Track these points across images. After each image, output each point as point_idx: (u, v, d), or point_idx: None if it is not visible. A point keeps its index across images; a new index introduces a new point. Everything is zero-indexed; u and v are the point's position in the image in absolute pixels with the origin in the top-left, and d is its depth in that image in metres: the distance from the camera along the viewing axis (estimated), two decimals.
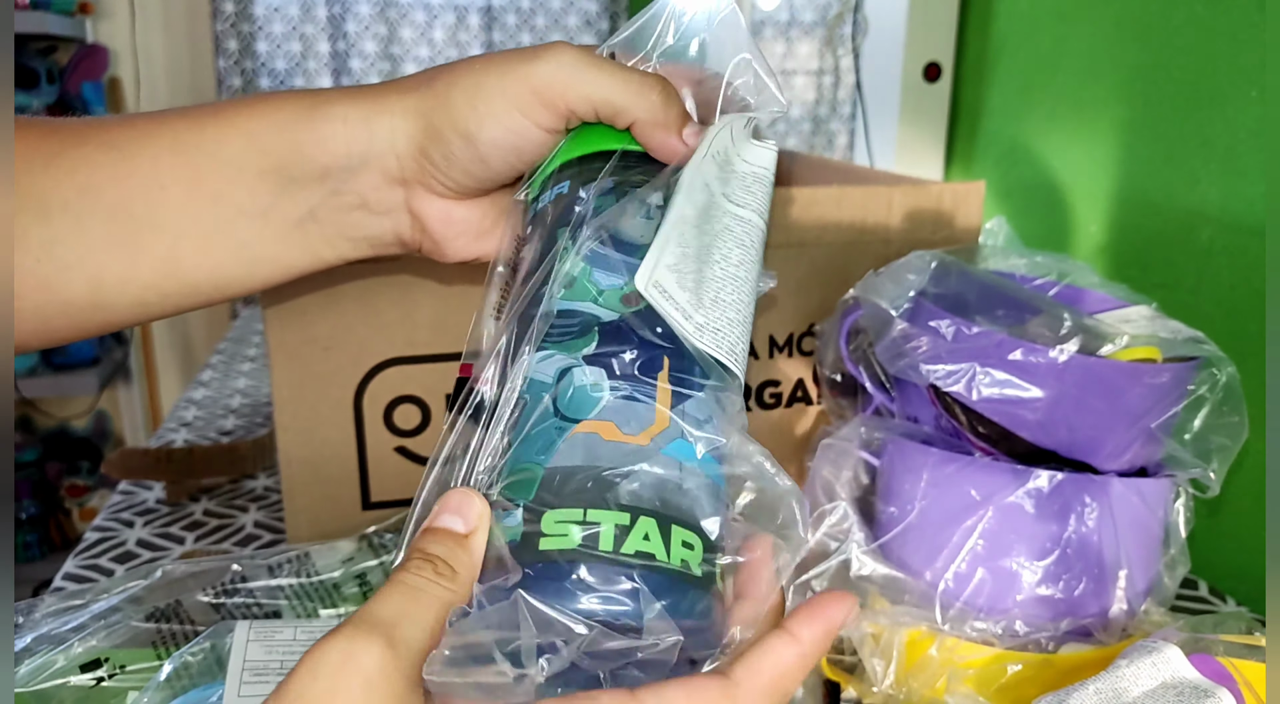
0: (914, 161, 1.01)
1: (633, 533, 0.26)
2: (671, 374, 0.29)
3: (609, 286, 0.30)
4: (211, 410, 0.86)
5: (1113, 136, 0.74)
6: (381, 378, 0.55)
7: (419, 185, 0.36)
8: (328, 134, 0.35)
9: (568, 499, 0.27)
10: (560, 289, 0.30)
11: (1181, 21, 0.67)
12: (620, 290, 0.30)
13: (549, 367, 0.29)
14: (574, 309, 0.30)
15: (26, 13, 1.66)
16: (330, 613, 0.46)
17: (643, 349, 0.29)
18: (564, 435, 0.28)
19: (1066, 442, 0.46)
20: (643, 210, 0.32)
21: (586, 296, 0.30)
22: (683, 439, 0.28)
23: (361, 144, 0.35)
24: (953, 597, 0.45)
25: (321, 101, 0.36)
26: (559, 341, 0.29)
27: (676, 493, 0.27)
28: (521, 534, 0.27)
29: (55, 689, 0.39)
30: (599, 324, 0.29)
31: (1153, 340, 0.47)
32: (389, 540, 0.49)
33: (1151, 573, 0.47)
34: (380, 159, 0.35)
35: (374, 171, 0.36)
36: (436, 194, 0.37)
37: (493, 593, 0.26)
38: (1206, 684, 0.33)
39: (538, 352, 0.29)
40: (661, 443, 0.28)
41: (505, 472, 0.28)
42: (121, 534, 0.63)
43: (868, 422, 0.51)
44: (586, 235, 0.31)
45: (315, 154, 0.35)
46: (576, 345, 0.29)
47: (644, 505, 0.27)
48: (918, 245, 0.54)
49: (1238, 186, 0.61)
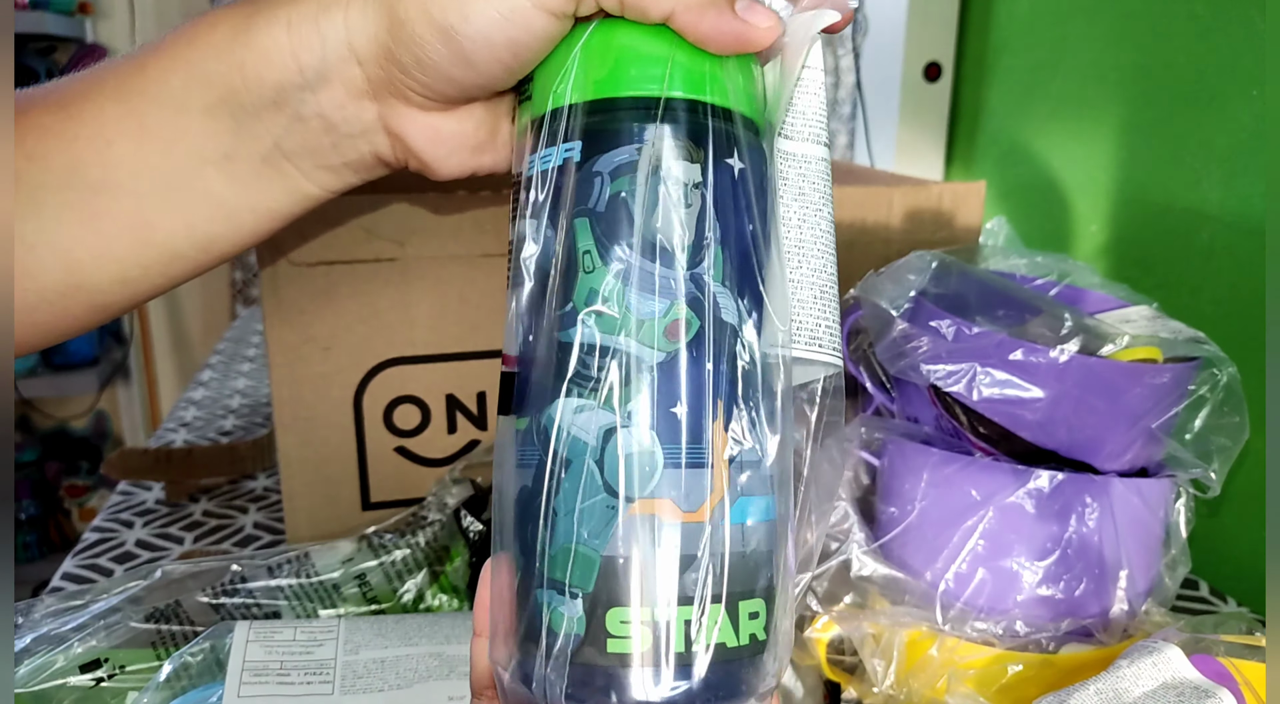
0: (914, 161, 1.01)
1: (703, 627, 0.25)
2: (727, 415, 0.26)
3: (647, 315, 0.25)
4: (211, 411, 0.86)
5: (1113, 136, 0.74)
6: (381, 378, 0.55)
7: (392, 97, 0.30)
8: (270, 45, 0.29)
9: (631, 594, 0.25)
10: (589, 314, 0.25)
11: (1182, 21, 0.67)
12: (662, 320, 0.25)
13: (588, 422, 0.25)
14: (608, 347, 0.25)
15: (26, 13, 1.66)
16: (330, 613, 0.46)
17: (693, 394, 0.25)
18: (618, 516, 0.25)
19: (1067, 442, 0.46)
20: (680, 193, 0.26)
21: (620, 328, 0.25)
22: (743, 499, 0.26)
23: (313, 53, 0.29)
24: (953, 597, 0.45)
25: (262, 7, 0.30)
26: (595, 391, 0.25)
27: (739, 562, 0.26)
28: (586, 630, 0.25)
29: (55, 689, 0.39)
30: (641, 368, 0.25)
31: (1153, 340, 0.47)
32: (389, 541, 0.49)
33: (1152, 573, 0.47)
34: (339, 69, 0.29)
35: (335, 86, 0.29)
36: (416, 106, 0.30)
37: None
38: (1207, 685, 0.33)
39: (568, 397, 0.25)
40: (721, 514, 0.25)
41: (552, 541, 0.25)
42: (121, 534, 0.62)
43: (868, 422, 0.51)
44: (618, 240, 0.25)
45: (261, 72, 0.29)
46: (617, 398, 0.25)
47: (710, 591, 0.25)
48: (918, 245, 0.54)
49: (1238, 186, 0.61)
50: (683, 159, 0.26)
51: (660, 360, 0.25)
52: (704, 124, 0.26)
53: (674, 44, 0.26)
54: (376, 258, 0.52)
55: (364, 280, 0.52)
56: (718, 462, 0.25)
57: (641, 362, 0.25)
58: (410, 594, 0.48)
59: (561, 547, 0.25)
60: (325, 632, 0.42)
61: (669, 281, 0.25)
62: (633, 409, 0.25)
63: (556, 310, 0.26)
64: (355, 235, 0.51)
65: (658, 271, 0.25)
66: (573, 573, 0.25)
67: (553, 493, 0.25)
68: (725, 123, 0.27)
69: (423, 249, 0.53)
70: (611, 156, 0.26)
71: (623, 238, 0.25)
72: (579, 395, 0.25)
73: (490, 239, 0.53)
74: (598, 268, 0.26)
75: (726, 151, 0.26)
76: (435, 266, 0.53)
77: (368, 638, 0.42)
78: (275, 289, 0.51)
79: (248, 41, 0.29)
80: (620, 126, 0.26)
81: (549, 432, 0.25)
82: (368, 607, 0.47)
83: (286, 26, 0.29)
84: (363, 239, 0.52)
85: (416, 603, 0.48)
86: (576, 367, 0.25)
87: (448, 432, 0.57)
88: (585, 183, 0.26)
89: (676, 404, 0.25)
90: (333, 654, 0.40)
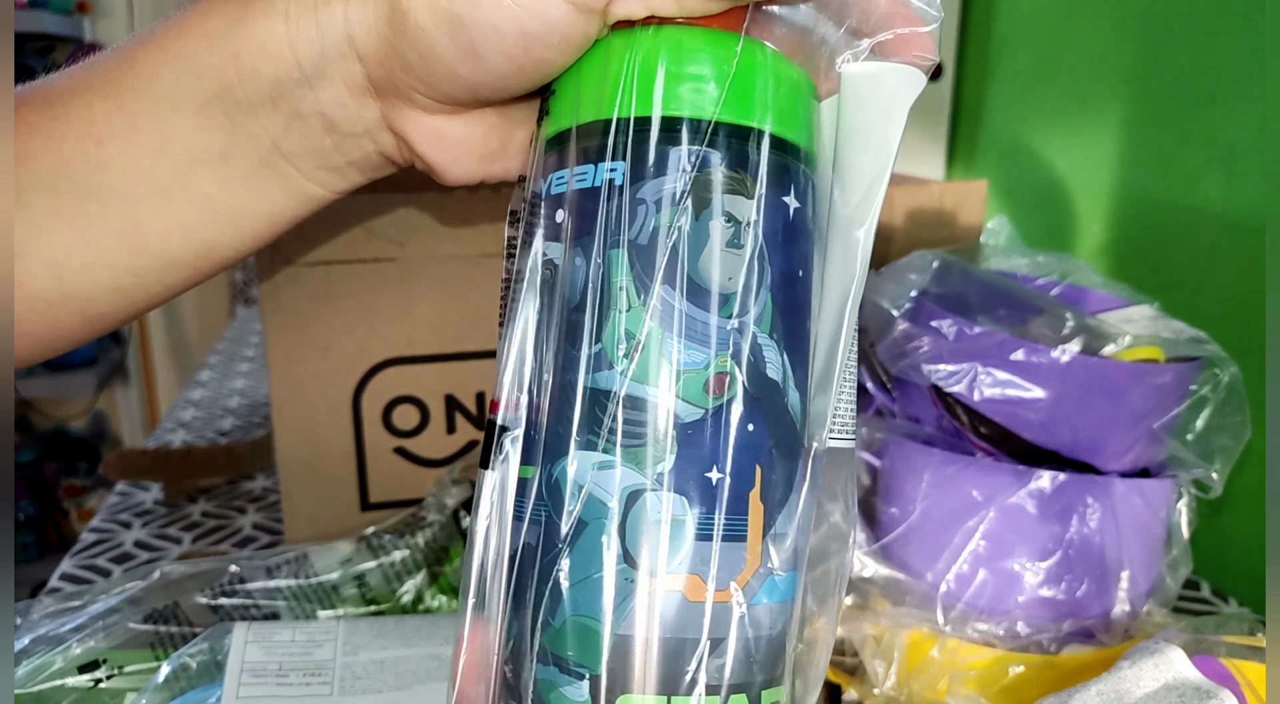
0: (915, 161, 1.00)
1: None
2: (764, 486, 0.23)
3: (688, 365, 0.22)
4: (209, 411, 0.86)
5: (1115, 136, 0.74)
6: (380, 378, 0.55)
7: (394, 97, 0.28)
8: (266, 36, 0.27)
9: (646, 681, 0.22)
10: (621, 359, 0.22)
11: (1183, 21, 0.67)
12: (701, 372, 0.23)
13: (610, 481, 0.22)
14: (639, 397, 0.22)
15: (25, 12, 1.66)
16: (329, 614, 0.46)
17: (735, 459, 0.23)
18: (637, 592, 0.22)
19: (1069, 442, 0.45)
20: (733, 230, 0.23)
21: (656, 378, 0.22)
22: (773, 577, 0.23)
23: (311, 46, 0.27)
24: (954, 598, 0.45)
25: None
26: (622, 447, 0.22)
27: (767, 648, 0.23)
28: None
29: (53, 690, 0.39)
30: (677, 425, 0.22)
31: (1155, 340, 0.47)
32: (387, 541, 0.49)
33: (1154, 574, 0.47)
34: (339, 65, 0.27)
35: (334, 82, 0.27)
36: (421, 108, 0.28)
37: None
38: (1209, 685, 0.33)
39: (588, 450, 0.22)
40: (751, 593, 0.23)
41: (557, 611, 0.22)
42: (119, 535, 0.62)
43: (869, 422, 0.51)
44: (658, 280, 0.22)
45: (257, 65, 0.27)
46: (646, 456, 0.22)
47: (734, 680, 0.22)
48: (919, 245, 0.54)
49: (1239, 186, 0.61)
50: (738, 193, 0.23)
51: (698, 417, 0.22)
52: (762, 156, 0.24)
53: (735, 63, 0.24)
54: (376, 258, 0.52)
55: (363, 280, 0.52)
56: (755, 534, 0.23)
57: (678, 417, 0.22)
58: (409, 595, 0.48)
59: (568, 619, 0.22)
60: (324, 633, 0.42)
61: (713, 329, 0.23)
62: (664, 470, 0.22)
63: (580, 350, 0.23)
64: (354, 235, 0.51)
65: (702, 317, 0.23)
66: (579, 650, 0.22)
67: (561, 557, 0.22)
68: (785, 156, 0.24)
69: (422, 249, 0.53)
70: (660, 183, 0.23)
71: (665, 276, 0.23)
72: (600, 449, 0.22)
73: (490, 239, 0.53)
74: (634, 307, 0.23)
75: (784, 189, 0.24)
76: (435, 266, 0.53)
77: (366, 639, 0.41)
78: (274, 289, 0.51)
79: (242, 32, 0.27)
80: (672, 151, 0.23)
81: (562, 487, 0.23)
82: (366, 608, 0.47)
83: (284, 17, 0.27)
84: (362, 239, 0.52)
85: (415, 604, 0.48)
86: (601, 416, 0.22)
87: (447, 432, 0.57)
88: (627, 210, 0.23)
89: (713, 468, 0.22)
90: (331, 655, 0.40)
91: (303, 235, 0.51)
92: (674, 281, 0.22)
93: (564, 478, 0.23)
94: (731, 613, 0.22)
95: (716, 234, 0.23)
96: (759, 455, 0.23)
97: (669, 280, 0.23)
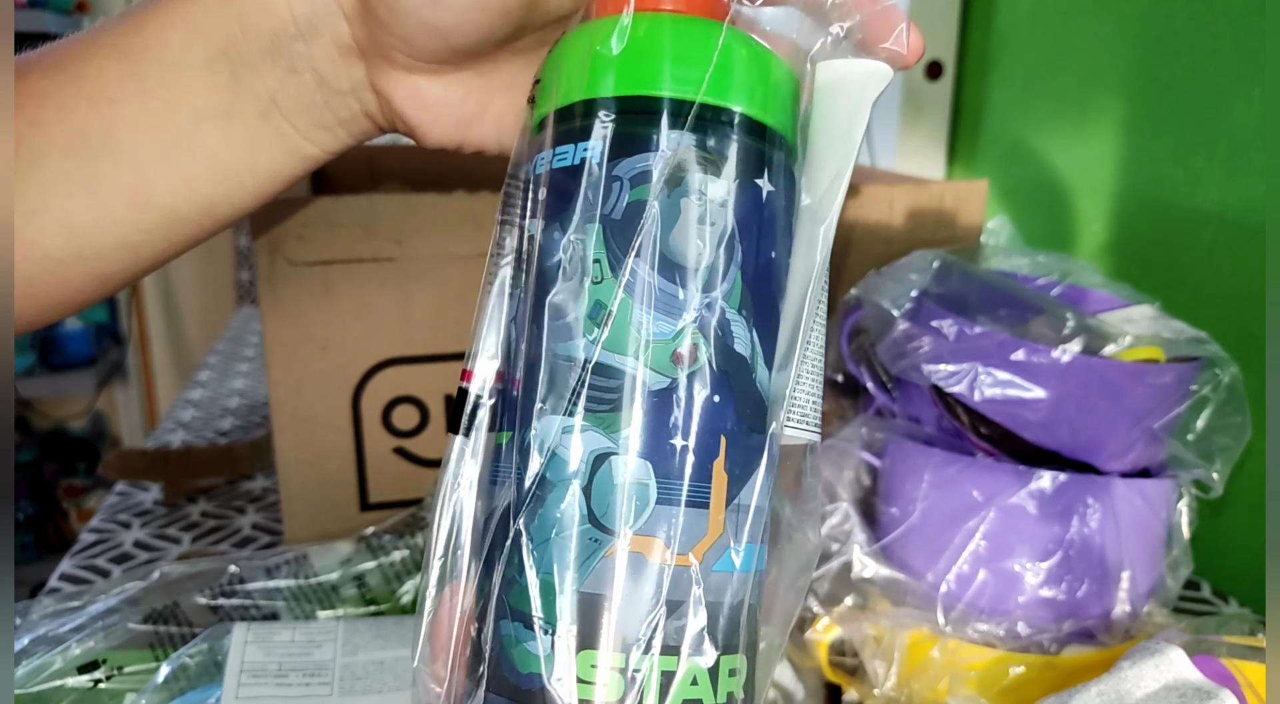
0: (915, 160, 1.00)
1: (680, 681, 0.23)
2: (729, 457, 0.24)
3: (656, 336, 0.23)
4: (209, 411, 0.86)
5: (1115, 135, 0.74)
6: (379, 378, 0.55)
7: (377, 57, 0.29)
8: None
9: (606, 637, 0.23)
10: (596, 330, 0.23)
11: (1183, 21, 0.67)
12: (669, 342, 0.23)
13: (577, 444, 0.23)
14: (609, 365, 0.23)
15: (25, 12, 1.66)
16: (328, 614, 0.46)
17: (700, 427, 0.23)
18: (601, 552, 0.23)
19: (1069, 442, 0.45)
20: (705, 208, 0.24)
21: (625, 347, 0.23)
22: (733, 547, 0.24)
23: (305, 2, 0.29)
24: (954, 598, 0.45)
25: None
26: (590, 411, 0.23)
27: (728, 614, 0.24)
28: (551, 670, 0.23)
29: (53, 691, 0.39)
30: (643, 392, 0.23)
31: (1156, 340, 0.47)
32: (387, 542, 0.49)
33: (1154, 574, 0.47)
34: (328, 22, 0.29)
35: (325, 40, 0.29)
36: (400, 67, 0.29)
37: None
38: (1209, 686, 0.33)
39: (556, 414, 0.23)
40: (714, 558, 0.24)
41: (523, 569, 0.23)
42: (119, 535, 0.62)
43: (869, 422, 0.51)
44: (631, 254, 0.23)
45: (259, 20, 0.29)
46: (613, 422, 0.23)
47: (691, 643, 0.23)
48: (919, 245, 0.54)
49: (1240, 186, 0.61)
50: (712, 173, 0.24)
51: (664, 386, 0.23)
52: (739, 137, 0.24)
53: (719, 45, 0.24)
54: (375, 257, 0.52)
55: (362, 280, 0.52)
56: (717, 503, 0.24)
57: (645, 385, 0.23)
58: (409, 595, 0.47)
59: (532, 577, 0.23)
60: (324, 633, 0.42)
61: (682, 302, 0.23)
62: (629, 436, 0.23)
63: (555, 320, 0.24)
64: (354, 234, 0.51)
65: (671, 290, 0.23)
66: (543, 606, 0.23)
67: (530, 517, 0.23)
68: (760, 140, 0.25)
69: (421, 248, 0.52)
70: (635, 161, 0.24)
71: (637, 250, 0.23)
72: (569, 414, 0.23)
73: (489, 238, 0.53)
74: (606, 279, 0.24)
75: (757, 171, 0.25)
76: (434, 266, 0.53)
77: (366, 639, 0.41)
78: (273, 288, 0.51)
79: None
80: (649, 129, 0.24)
81: (530, 449, 0.23)
82: (366, 608, 0.47)
83: None
84: (361, 238, 0.51)
85: (415, 604, 0.48)
86: (572, 382, 0.23)
87: (446, 432, 0.56)
88: (602, 186, 0.24)
89: (678, 435, 0.23)
90: (331, 655, 0.40)
91: (302, 234, 0.50)
92: (646, 256, 0.23)
93: (534, 441, 0.24)
94: (691, 578, 0.23)
95: (689, 211, 0.24)
96: (724, 426, 0.24)
97: (641, 254, 0.23)
